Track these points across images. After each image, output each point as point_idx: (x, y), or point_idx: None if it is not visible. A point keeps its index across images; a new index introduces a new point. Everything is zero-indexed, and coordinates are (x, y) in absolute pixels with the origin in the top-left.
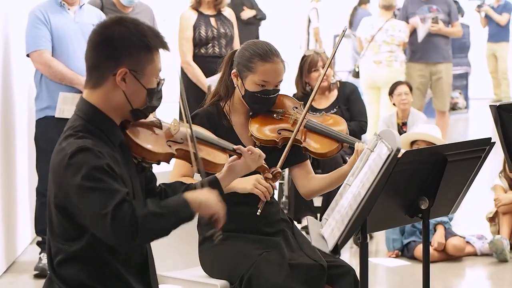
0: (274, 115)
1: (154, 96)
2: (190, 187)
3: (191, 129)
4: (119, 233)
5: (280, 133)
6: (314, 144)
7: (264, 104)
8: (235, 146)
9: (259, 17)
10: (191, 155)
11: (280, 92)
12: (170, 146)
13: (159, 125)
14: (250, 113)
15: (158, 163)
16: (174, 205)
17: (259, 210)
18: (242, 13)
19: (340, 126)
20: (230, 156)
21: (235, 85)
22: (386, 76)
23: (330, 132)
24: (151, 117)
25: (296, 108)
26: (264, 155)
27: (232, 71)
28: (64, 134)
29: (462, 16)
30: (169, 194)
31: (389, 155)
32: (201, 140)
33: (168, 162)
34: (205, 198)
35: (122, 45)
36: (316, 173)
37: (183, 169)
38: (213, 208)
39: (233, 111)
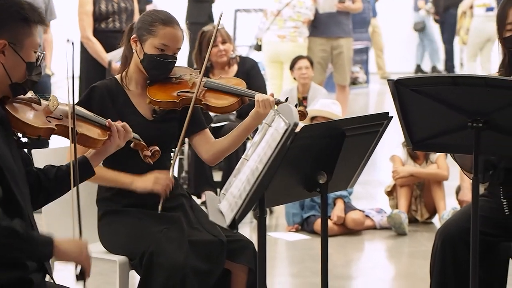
0: (172, 80)
1: (33, 70)
2: (61, 168)
3: (73, 106)
4: None
5: (179, 95)
6: (214, 101)
7: (161, 69)
8: (106, 122)
9: None
10: (69, 131)
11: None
12: (49, 121)
13: (38, 101)
14: (148, 82)
15: (39, 139)
16: (37, 238)
17: (159, 208)
18: None
19: (240, 85)
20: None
21: (134, 50)
22: (289, 51)
23: (230, 88)
24: (29, 95)
25: (193, 74)
26: (131, 131)
27: (132, 37)
28: None
29: None
30: (41, 178)
31: (286, 130)
32: (81, 117)
33: (48, 137)
34: (68, 249)
35: (0, 17)
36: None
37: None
38: (72, 259)
39: (129, 81)
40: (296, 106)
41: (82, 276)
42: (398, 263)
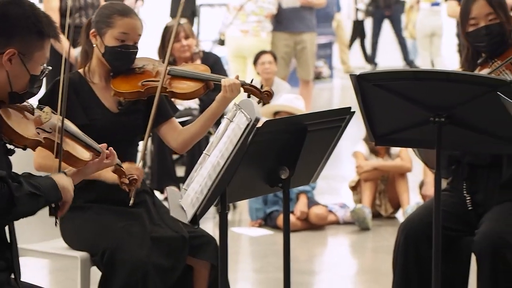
0: (136, 70)
1: (35, 83)
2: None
3: (62, 121)
4: None
5: (144, 84)
6: (179, 87)
7: (124, 60)
8: (96, 146)
9: None
10: (55, 146)
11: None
12: (38, 133)
13: (31, 110)
14: (111, 74)
15: (24, 148)
16: (45, 186)
17: (131, 201)
18: None
19: (203, 70)
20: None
21: (94, 45)
22: (252, 46)
23: (194, 73)
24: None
25: (156, 63)
26: (115, 157)
27: (91, 31)
28: None
29: None
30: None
31: (247, 125)
32: (70, 134)
33: (34, 149)
34: (67, 183)
35: (16, 25)
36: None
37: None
38: (69, 195)
39: (92, 75)
40: (261, 87)
41: (55, 211)
42: (361, 258)
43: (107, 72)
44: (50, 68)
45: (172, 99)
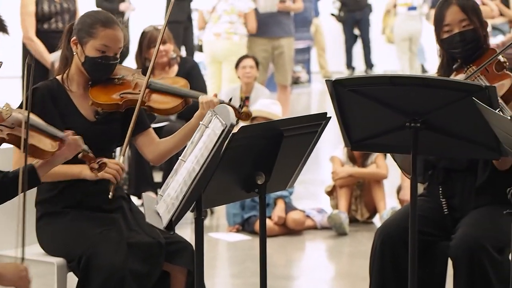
0: (115, 81)
1: None
2: (7, 175)
3: (28, 115)
4: None
5: (122, 97)
6: (158, 102)
7: (104, 71)
8: (60, 135)
9: None
10: (21, 141)
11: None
12: (1, 130)
13: None
14: (90, 83)
15: None
16: None
17: (110, 194)
18: None
19: (181, 83)
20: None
21: (75, 53)
22: (225, 49)
23: (173, 89)
24: None
25: (135, 74)
26: (82, 144)
27: (72, 39)
28: None
29: None
30: None
31: (223, 131)
32: (33, 126)
33: None
34: (5, 273)
35: None
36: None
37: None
38: (9, 283)
39: (71, 83)
40: (240, 106)
41: None
42: (338, 263)
43: (86, 81)
44: (2, 62)
45: None
